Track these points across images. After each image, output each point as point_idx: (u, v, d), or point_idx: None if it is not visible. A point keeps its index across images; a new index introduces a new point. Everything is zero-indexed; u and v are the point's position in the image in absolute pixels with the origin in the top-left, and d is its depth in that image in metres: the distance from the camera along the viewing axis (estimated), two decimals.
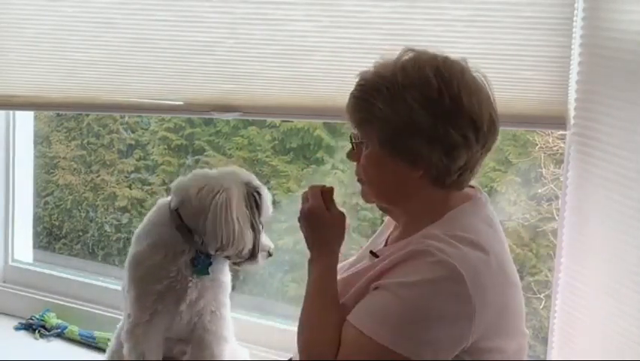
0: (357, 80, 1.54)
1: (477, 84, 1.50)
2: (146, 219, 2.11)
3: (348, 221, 1.66)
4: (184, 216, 2.00)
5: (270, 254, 2.07)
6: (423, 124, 1.45)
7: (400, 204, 1.58)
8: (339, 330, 1.48)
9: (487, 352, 1.46)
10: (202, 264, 2.02)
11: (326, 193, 1.64)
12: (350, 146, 1.59)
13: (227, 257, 2.04)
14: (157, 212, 2.08)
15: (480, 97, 1.49)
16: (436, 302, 1.41)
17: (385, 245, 1.65)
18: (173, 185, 2.06)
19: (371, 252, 1.62)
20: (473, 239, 1.46)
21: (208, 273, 2.04)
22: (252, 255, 2.01)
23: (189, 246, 2.01)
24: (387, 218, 1.75)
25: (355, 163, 1.58)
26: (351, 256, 1.76)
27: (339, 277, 1.60)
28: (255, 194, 2.02)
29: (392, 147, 1.49)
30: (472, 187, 1.60)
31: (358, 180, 1.60)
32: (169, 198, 2.06)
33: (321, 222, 1.62)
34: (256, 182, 2.05)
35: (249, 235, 1.98)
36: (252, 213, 2.00)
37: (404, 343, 1.41)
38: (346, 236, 1.65)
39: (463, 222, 1.50)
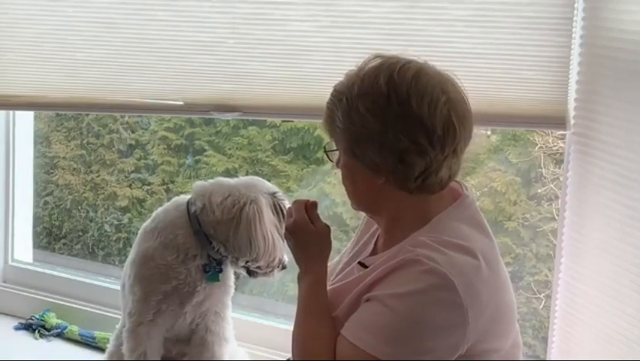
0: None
1: (437, 89, 1.45)
2: (159, 215, 2.07)
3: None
4: (203, 223, 1.98)
5: (284, 267, 2.05)
6: (374, 131, 1.45)
7: (375, 211, 1.58)
8: (334, 344, 1.48)
9: (484, 354, 1.46)
10: (213, 271, 2.02)
11: (310, 207, 1.65)
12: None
13: (246, 268, 2.04)
14: (174, 212, 2.04)
15: (436, 101, 1.44)
16: (429, 312, 1.41)
17: (373, 254, 1.65)
18: (194, 189, 2.03)
19: (360, 262, 1.61)
20: (462, 244, 1.45)
21: (218, 280, 2.04)
22: (280, 265, 2.02)
23: (202, 251, 2.00)
24: (363, 222, 1.75)
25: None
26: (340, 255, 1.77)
27: (328, 286, 1.61)
28: (280, 204, 2.01)
29: (353, 155, 1.50)
30: (458, 183, 1.59)
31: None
32: (186, 198, 2.04)
33: (307, 236, 1.63)
34: (280, 193, 2.04)
35: (280, 244, 1.99)
36: (279, 223, 2.00)
37: (400, 355, 1.41)
38: (345, 236, 1.65)
39: (449, 226, 1.50)
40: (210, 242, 1.99)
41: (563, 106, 2.04)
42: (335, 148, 1.56)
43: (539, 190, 3.06)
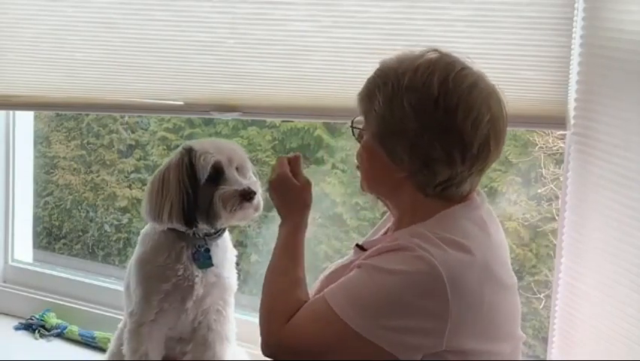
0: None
1: (484, 105, 1.45)
2: None
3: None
4: None
5: (247, 195, 1.89)
6: (410, 130, 1.45)
7: (386, 197, 1.60)
8: (303, 285, 1.56)
9: (477, 355, 1.45)
10: (202, 256, 2.02)
11: (293, 161, 1.69)
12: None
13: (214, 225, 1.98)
14: None
15: (481, 119, 1.44)
16: (408, 293, 1.41)
17: None
18: None
19: (357, 245, 1.63)
20: (460, 241, 1.45)
21: (212, 264, 2.03)
22: (207, 219, 1.93)
23: (186, 242, 2.01)
24: (386, 216, 1.75)
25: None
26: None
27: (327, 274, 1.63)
28: (191, 159, 1.95)
29: (381, 143, 1.50)
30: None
31: (357, 167, 1.62)
32: None
33: (289, 189, 1.67)
34: (196, 147, 1.97)
35: (168, 205, 1.92)
36: (182, 180, 1.93)
37: (367, 325, 1.42)
38: (345, 236, 1.65)
39: (452, 223, 1.49)
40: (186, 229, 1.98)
41: (563, 106, 2.04)
42: (363, 127, 1.55)
43: (539, 190, 3.06)
